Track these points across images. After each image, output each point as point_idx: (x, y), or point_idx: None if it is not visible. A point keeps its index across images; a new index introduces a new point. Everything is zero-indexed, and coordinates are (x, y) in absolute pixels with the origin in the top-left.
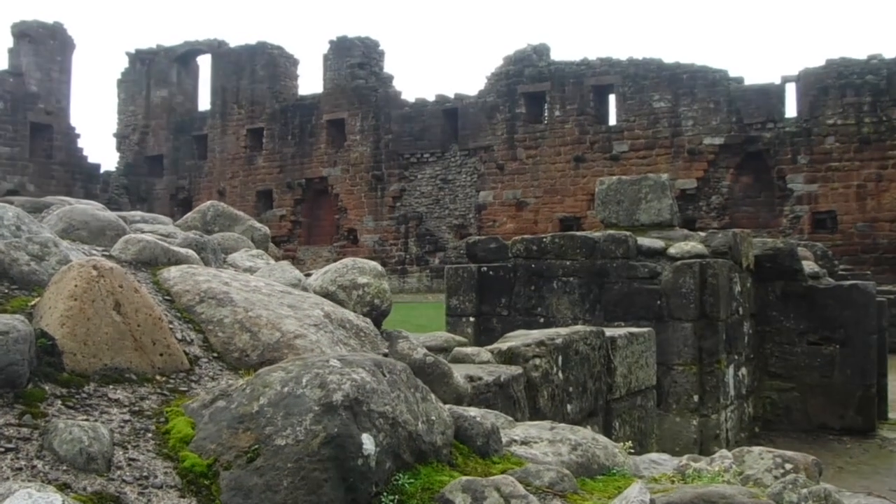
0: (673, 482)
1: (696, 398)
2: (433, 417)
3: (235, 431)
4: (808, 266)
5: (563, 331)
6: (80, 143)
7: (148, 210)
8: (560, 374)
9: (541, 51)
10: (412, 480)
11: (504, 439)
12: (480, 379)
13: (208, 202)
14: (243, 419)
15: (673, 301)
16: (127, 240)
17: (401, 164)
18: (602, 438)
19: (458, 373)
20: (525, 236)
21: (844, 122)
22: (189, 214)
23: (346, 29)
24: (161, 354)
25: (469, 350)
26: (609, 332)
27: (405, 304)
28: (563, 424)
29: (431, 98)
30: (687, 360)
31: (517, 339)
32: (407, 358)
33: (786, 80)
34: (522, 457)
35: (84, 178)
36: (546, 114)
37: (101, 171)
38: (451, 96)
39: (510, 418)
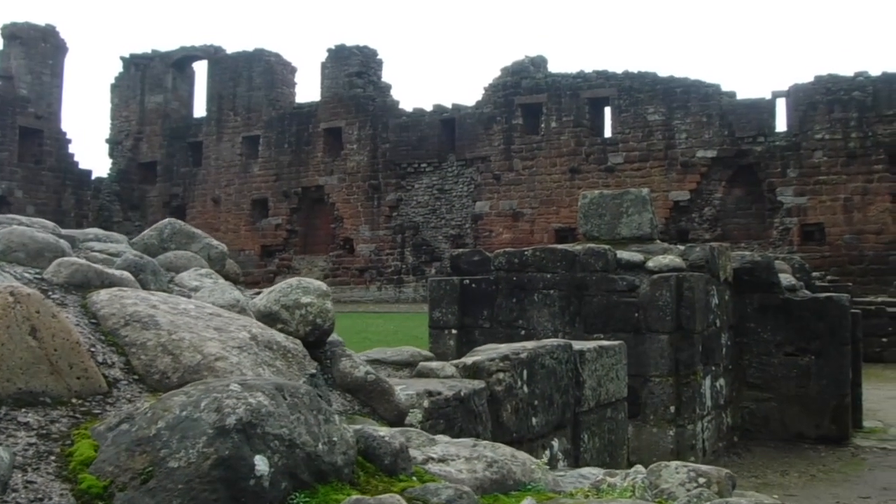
0: (587, 496)
1: (672, 409)
2: (335, 438)
3: (133, 454)
4: (786, 279)
5: (529, 345)
6: (72, 148)
7: (141, 217)
8: (525, 388)
9: (538, 63)
10: (308, 500)
11: (421, 457)
12: (440, 394)
13: (165, 220)
14: (141, 442)
15: (650, 314)
16: (60, 262)
17: (398, 173)
18: (521, 455)
19: (403, 389)
20: (507, 249)
21: (832, 137)
22: (146, 232)
23: (344, 37)
24: (78, 378)
25: (434, 364)
26: (578, 345)
27: (400, 314)
28: (484, 442)
29: (429, 108)
30: (663, 372)
31: (483, 353)
32: (348, 376)
33: (776, 95)
34: (436, 474)
35: (75, 185)
36: (542, 125)
37: (93, 177)
38: (449, 106)
39: (431, 436)
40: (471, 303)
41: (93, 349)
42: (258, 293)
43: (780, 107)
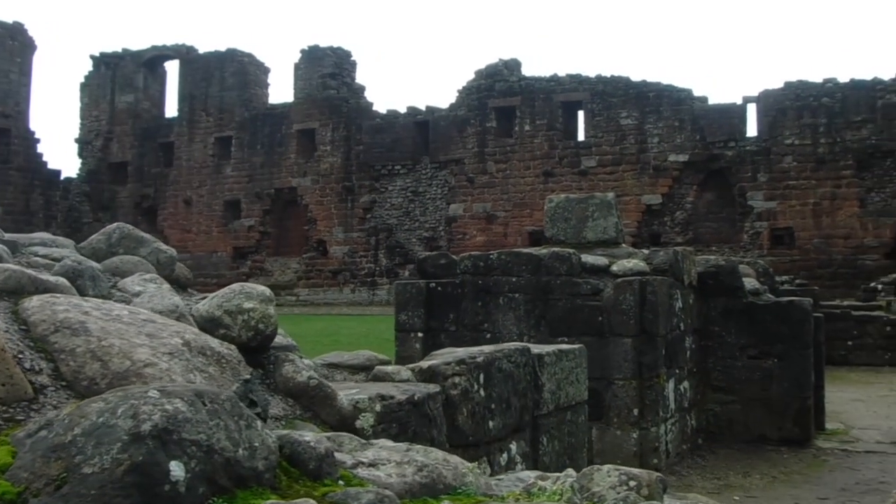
0: (518, 500)
1: (635, 412)
2: (256, 444)
3: (48, 460)
4: (750, 283)
5: (486, 349)
6: (40, 148)
7: (111, 218)
8: (481, 392)
9: (512, 66)
10: None
11: (350, 462)
12: (392, 398)
13: (114, 224)
14: (57, 448)
15: (614, 317)
16: None
17: (371, 175)
18: (454, 459)
19: (356, 393)
20: (473, 252)
21: (801, 143)
22: (94, 236)
23: (318, 38)
24: (3, 384)
25: (390, 369)
26: (536, 349)
27: (373, 317)
28: (418, 446)
29: (403, 110)
30: (627, 375)
31: (440, 357)
32: (291, 381)
33: (747, 100)
34: (364, 478)
35: (43, 185)
36: (516, 128)
37: (62, 177)
38: (423, 108)
39: (364, 441)
40: (437, 306)
41: (20, 356)
42: (204, 298)
43: (751, 112)
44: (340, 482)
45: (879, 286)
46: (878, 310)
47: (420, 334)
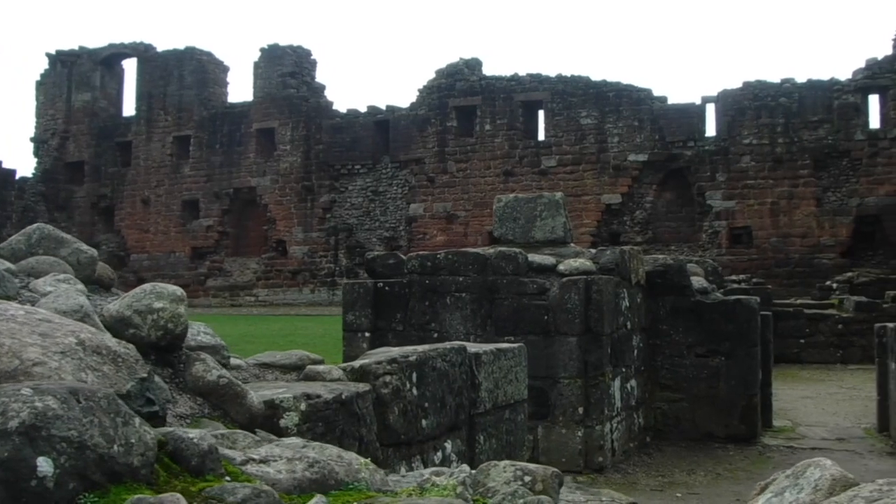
0: (410, 495)
1: (580, 410)
2: (133, 440)
3: None
4: (698, 281)
5: (420, 348)
6: None
7: (67, 218)
8: (414, 391)
9: (472, 65)
10: (97, 500)
11: (240, 458)
12: (319, 396)
13: (34, 225)
14: None
15: (559, 316)
16: None
17: (331, 175)
18: (348, 456)
19: (283, 392)
20: (420, 252)
21: (759, 142)
22: (14, 237)
23: (277, 37)
24: None
25: (321, 368)
26: (474, 347)
27: (332, 317)
28: (315, 443)
29: (363, 109)
30: (572, 374)
31: (373, 356)
32: (200, 380)
33: (706, 100)
34: (252, 474)
35: None
36: (477, 128)
37: (17, 177)
38: (383, 108)
39: (258, 438)
40: (385, 306)
41: None
42: (117, 296)
43: (710, 112)
44: (227, 478)
45: (834, 285)
46: (831, 308)
47: (367, 334)
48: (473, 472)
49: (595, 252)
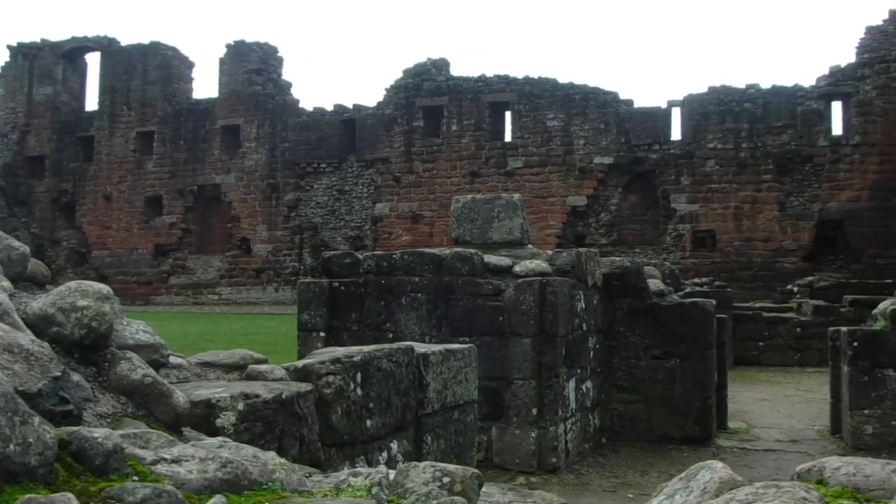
0: (326, 496)
1: (534, 411)
2: (31, 440)
3: None
4: (655, 284)
5: (366, 348)
6: None
7: (27, 214)
8: (358, 391)
9: (440, 65)
10: None
11: (151, 458)
12: (258, 396)
13: None
14: None
15: (514, 317)
16: None
17: (297, 173)
18: (265, 456)
19: (222, 391)
20: (376, 252)
21: (724, 147)
22: None
23: (243, 33)
24: None
25: (263, 367)
26: (422, 348)
27: (295, 316)
28: (232, 443)
29: (329, 107)
30: (526, 375)
31: (317, 356)
32: (125, 379)
33: (671, 104)
34: (161, 474)
35: None
36: (443, 128)
37: None
38: (350, 106)
39: (171, 438)
40: (340, 306)
41: None
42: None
43: (675, 116)
44: (134, 478)
45: (795, 288)
46: (790, 312)
47: (322, 334)
48: (392, 473)
49: (551, 254)
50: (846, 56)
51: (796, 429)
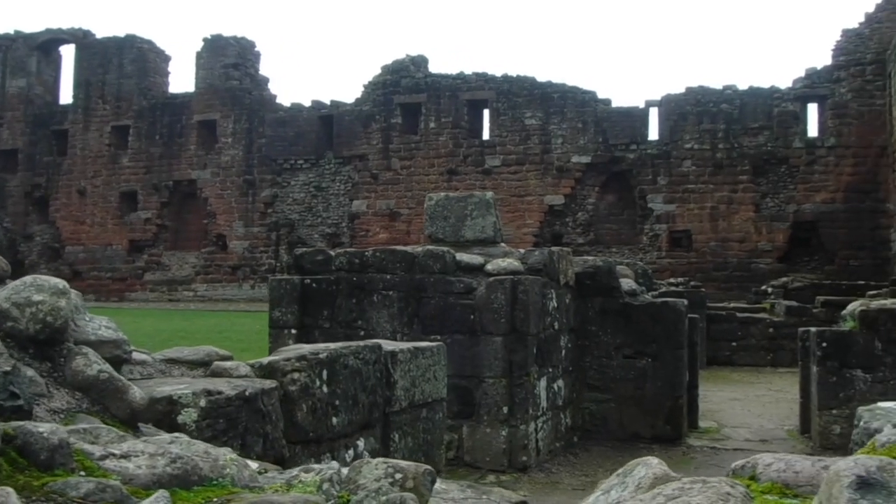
0: (277, 492)
1: (505, 409)
2: None
3: None
4: (627, 283)
5: (332, 345)
6: None
7: (0, 208)
8: (324, 388)
9: (419, 62)
10: None
11: (99, 453)
12: (220, 393)
13: None
14: None
15: (485, 316)
16: None
17: (273, 169)
18: (216, 452)
19: (185, 388)
20: (348, 250)
21: (701, 147)
22: None
23: (221, 27)
24: None
25: (228, 364)
26: (390, 345)
27: None
28: (185, 439)
29: (307, 103)
30: (497, 373)
31: (283, 353)
32: (80, 375)
33: (649, 104)
34: (109, 470)
35: None
36: (421, 125)
37: None
38: (328, 103)
39: (122, 434)
40: (312, 303)
41: None
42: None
43: (653, 116)
44: (81, 473)
45: (769, 289)
46: (763, 312)
47: (294, 331)
48: (346, 469)
49: (524, 252)
50: (822, 58)
51: (766, 428)
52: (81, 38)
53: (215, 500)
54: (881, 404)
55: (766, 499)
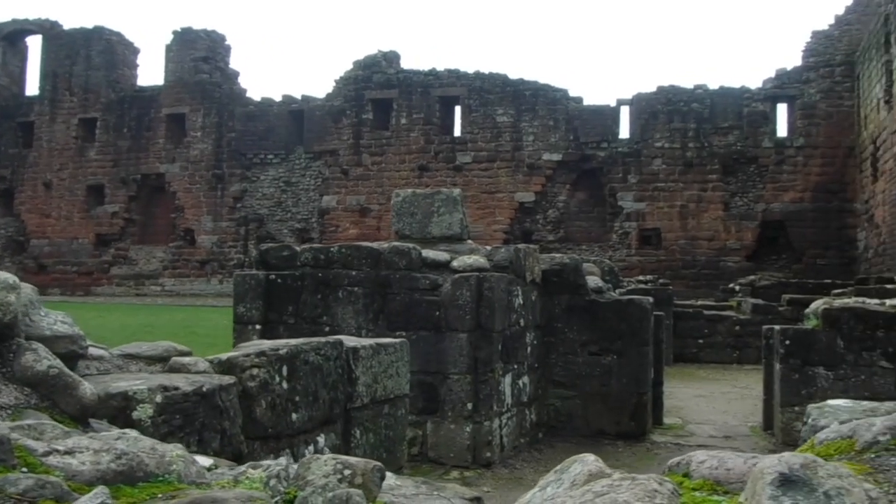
0: (223, 488)
1: (469, 406)
2: None
3: None
4: (593, 281)
5: (293, 341)
6: None
7: None
8: (284, 384)
9: (391, 58)
10: None
11: (43, 449)
12: (177, 388)
13: None
14: None
15: (450, 312)
16: None
17: (243, 163)
18: (163, 448)
19: (141, 384)
20: (313, 245)
21: (671, 146)
22: None
23: (191, 20)
24: None
25: (186, 360)
26: (352, 342)
27: None
28: (133, 434)
29: (278, 98)
30: (462, 370)
31: (242, 349)
32: (29, 370)
33: (620, 102)
34: (53, 466)
35: None
36: (393, 121)
37: None
38: (298, 97)
39: (67, 430)
40: (276, 298)
41: None
42: None
43: (624, 114)
44: (23, 469)
45: (737, 287)
46: (729, 310)
47: (258, 327)
48: (294, 466)
49: (490, 249)
50: (792, 59)
51: (730, 425)
52: (49, 29)
53: (160, 496)
54: (830, 402)
55: (695, 496)
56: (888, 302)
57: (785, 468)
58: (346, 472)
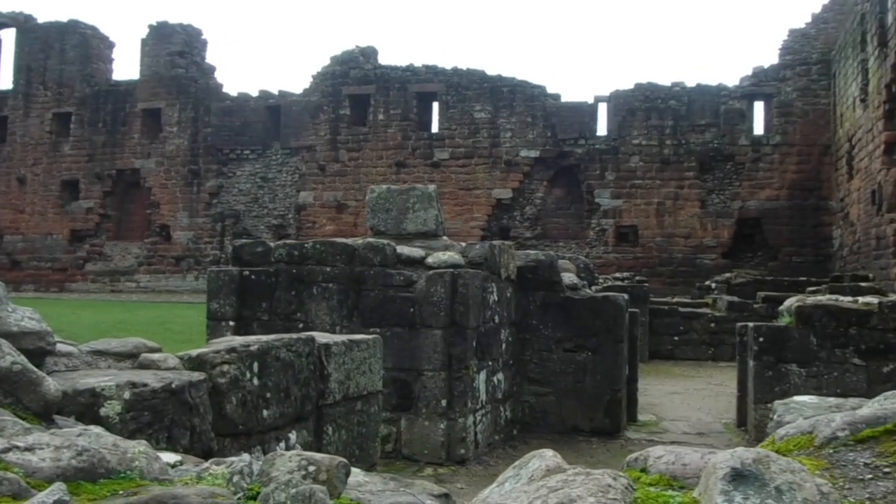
0: (186, 484)
1: (444, 403)
2: None
3: None
4: (569, 278)
5: (264, 338)
6: None
7: None
8: (255, 381)
9: (368, 53)
10: None
11: (2, 445)
12: (145, 385)
13: None
14: None
15: (425, 309)
16: None
17: (219, 159)
18: (126, 445)
19: (109, 380)
20: (287, 241)
21: (648, 143)
22: None
23: (167, 14)
24: None
25: (156, 356)
26: (324, 338)
27: None
28: (95, 430)
29: (254, 93)
30: (436, 367)
31: (213, 345)
32: None
33: (598, 99)
34: (12, 463)
35: None
36: (370, 117)
37: None
38: (275, 92)
39: (28, 426)
40: (250, 295)
41: None
42: None
43: (602, 111)
44: None
45: (713, 284)
46: (705, 307)
47: (232, 323)
48: (258, 462)
49: (465, 246)
50: (769, 57)
51: (704, 422)
52: (22, 23)
53: (121, 492)
54: (796, 398)
55: (649, 491)
56: (861, 299)
57: (737, 463)
58: (311, 468)
